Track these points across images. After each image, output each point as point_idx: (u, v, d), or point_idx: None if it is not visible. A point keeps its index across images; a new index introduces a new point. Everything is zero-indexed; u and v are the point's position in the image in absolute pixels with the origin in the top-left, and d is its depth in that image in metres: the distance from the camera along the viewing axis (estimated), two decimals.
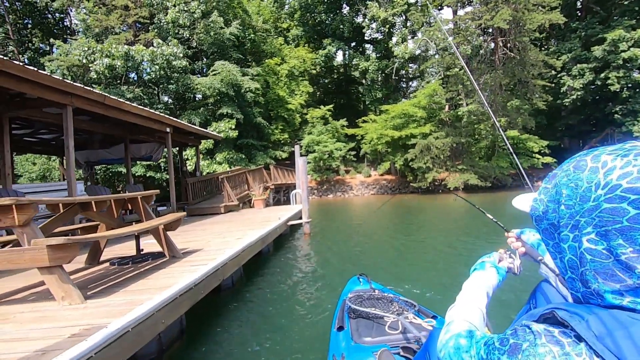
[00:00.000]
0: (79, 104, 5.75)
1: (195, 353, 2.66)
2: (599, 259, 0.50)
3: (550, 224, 0.57)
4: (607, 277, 0.49)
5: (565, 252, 0.55)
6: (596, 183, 0.50)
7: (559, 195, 0.55)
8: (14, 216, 2.42)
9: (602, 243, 0.49)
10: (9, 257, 2.41)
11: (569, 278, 0.56)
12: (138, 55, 18.37)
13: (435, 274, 4.51)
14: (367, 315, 1.80)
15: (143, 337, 2.20)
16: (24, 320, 2.20)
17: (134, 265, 3.71)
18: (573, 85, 20.16)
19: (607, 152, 0.51)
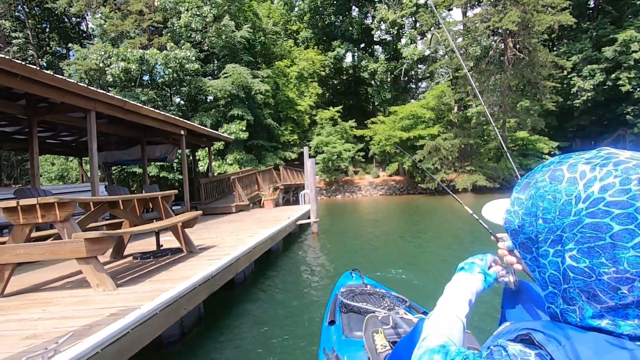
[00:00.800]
0: (101, 108, 6.14)
1: (212, 336, 2.96)
2: (582, 277, 0.47)
3: (527, 238, 0.54)
4: (590, 296, 0.47)
5: (545, 268, 0.52)
6: (576, 196, 0.47)
7: (535, 208, 0.52)
8: (56, 212, 2.76)
9: (584, 261, 0.46)
10: (52, 249, 2.75)
11: (550, 293, 0.53)
12: (152, 58, 18.93)
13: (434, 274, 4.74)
14: (358, 310, 1.81)
15: (168, 319, 2.51)
16: (67, 304, 2.52)
17: (155, 259, 4.03)
18: (583, 86, 20.04)
19: (583, 160, 0.49)
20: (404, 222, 11.15)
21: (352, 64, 32.19)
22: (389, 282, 4.14)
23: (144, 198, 4.09)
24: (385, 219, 11.98)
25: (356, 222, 11.45)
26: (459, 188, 21.09)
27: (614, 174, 0.45)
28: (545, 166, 0.54)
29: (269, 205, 11.39)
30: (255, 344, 2.80)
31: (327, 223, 10.69)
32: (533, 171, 0.57)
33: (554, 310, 0.53)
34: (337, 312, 1.89)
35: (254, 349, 2.71)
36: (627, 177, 0.43)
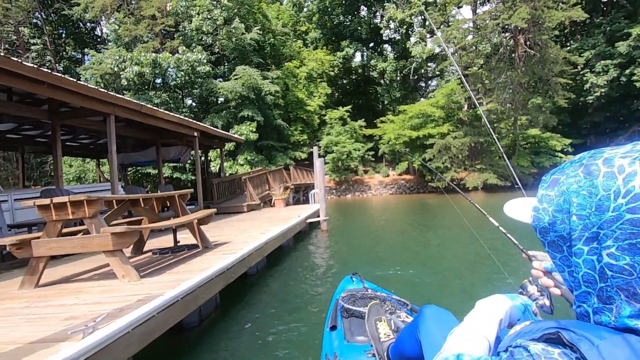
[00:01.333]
0: (119, 112, 6.45)
1: (228, 323, 3.18)
2: (622, 275, 0.45)
3: (558, 236, 0.52)
4: (630, 295, 0.45)
5: (579, 267, 0.50)
6: (615, 191, 0.45)
7: (568, 204, 0.50)
8: (84, 209, 3.01)
9: (624, 258, 0.45)
10: (82, 243, 3.01)
11: (583, 292, 0.51)
12: (165, 62, 19.39)
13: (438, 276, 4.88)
14: (359, 315, 1.81)
15: (188, 306, 2.74)
16: (97, 292, 2.77)
17: (173, 254, 4.28)
18: (597, 82, 19.73)
19: (619, 154, 0.47)
20: (413, 220, 11.25)
21: (361, 63, 32.25)
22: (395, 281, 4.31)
23: (162, 197, 4.34)
24: (394, 218, 12.10)
25: (365, 221, 11.60)
26: (469, 187, 21.00)
27: None
28: (576, 162, 0.52)
29: (279, 204, 11.62)
30: (267, 332, 3.01)
31: (337, 221, 10.86)
32: (561, 167, 0.55)
33: (584, 309, 0.51)
34: (339, 317, 1.86)
35: (265, 336, 2.91)
36: None
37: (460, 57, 21.80)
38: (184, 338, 2.90)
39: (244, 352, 2.65)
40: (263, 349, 2.67)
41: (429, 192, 23.18)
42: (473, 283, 4.09)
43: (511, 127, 22.67)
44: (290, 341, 2.77)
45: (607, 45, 19.99)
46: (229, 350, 2.68)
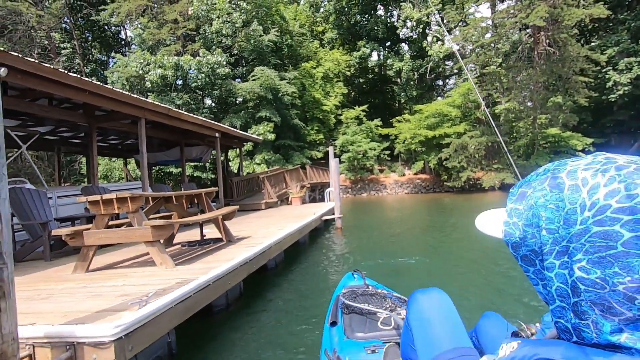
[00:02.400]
0: (149, 116, 6.97)
1: (250, 307, 3.57)
2: (594, 289, 0.44)
3: (530, 251, 0.52)
4: (604, 309, 0.44)
5: (552, 281, 0.50)
6: (581, 204, 0.45)
7: (536, 219, 0.50)
8: (128, 205, 3.46)
9: (594, 272, 0.44)
10: (126, 234, 3.46)
11: (557, 307, 0.50)
12: (186, 64, 20.11)
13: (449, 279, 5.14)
14: (360, 311, 1.81)
15: (217, 290, 3.14)
16: (140, 276, 3.21)
17: (200, 247, 4.71)
18: (619, 80, 19.26)
19: (582, 167, 0.47)
20: (428, 220, 11.44)
21: (377, 62, 32.33)
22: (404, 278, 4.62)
23: (190, 194, 4.78)
24: (409, 217, 12.31)
25: (379, 219, 11.87)
26: (486, 186, 20.90)
27: (618, 179, 0.43)
28: (541, 174, 0.52)
29: (296, 202, 12.03)
30: (285, 316, 3.37)
31: (351, 219, 11.17)
32: (527, 180, 0.55)
33: (563, 325, 0.50)
34: (339, 313, 1.88)
35: (283, 319, 3.28)
36: (632, 182, 0.42)
37: (477, 55, 21.65)
38: (213, 319, 3.31)
39: (264, 332, 3.03)
40: (281, 329, 3.04)
41: (445, 191, 23.16)
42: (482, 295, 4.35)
43: (530, 126, 22.37)
44: (306, 323, 3.13)
45: (632, 42, 19.47)
46: (251, 331, 3.07)
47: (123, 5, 23.00)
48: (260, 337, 2.93)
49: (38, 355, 1.96)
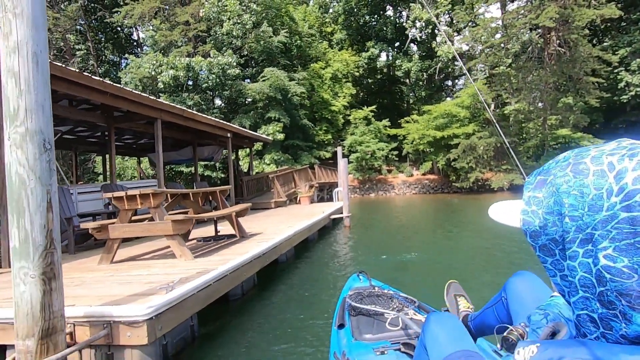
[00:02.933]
0: (165, 117, 7.24)
1: (263, 298, 3.78)
2: (620, 279, 0.43)
3: (550, 240, 0.50)
4: (632, 299, 0.42)
5: (575, 270, 0.48)
6: (607, 189, 0.43)
7: (559, 206, 0.48)
8: (150, 201, 3.69)
9: (621, 260, 0.42)
10: (148, 228, 3.69)
11: (581, 298, 0.48)
12: (197, 65, 20.48)
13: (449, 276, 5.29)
14: (367, 313, 1.80)
15: (233, 281, 3.35)
16: (163, 267, 3.44)
17: (215, 242, 4.94)
18: (631, 80, 19.06)
19: (606, 152, 0.46)
20: (434, 219, 11.54)
21: (386, 63, 32.39)
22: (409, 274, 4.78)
23: (206, 192, 5.02)
24: (416, 217, 12.42)
25: (387, 219, 12.00)
26: (495, 187, 20.85)
27: None
28: (562, 161, 0.51)
29: (304, 201, 12.24)
30: (295, 307, 3.57)
31: (359, 219, 11.34)
32: (545, 167, 0.54)
33: (588, 316, 0.49)
34: (346, 316, 1.87)
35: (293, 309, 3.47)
36: None
37: (487, 56, 21.61)
38: (230, 306, 3.52)
39: (276, 320, 3.23)
40: (291, 317, 3.23)
41: (454, 192, 23.14)
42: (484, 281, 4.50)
43: (540, 127, 22.24)
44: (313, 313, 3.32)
45: None
46: (264, 318, 3.27)
47: (136, 7, 23.49)
48: (272, 324, 3.13)
49: (78, 332, 2.19)
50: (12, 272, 1.82)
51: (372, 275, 2.24)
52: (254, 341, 2.80)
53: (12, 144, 1.79)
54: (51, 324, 1.85)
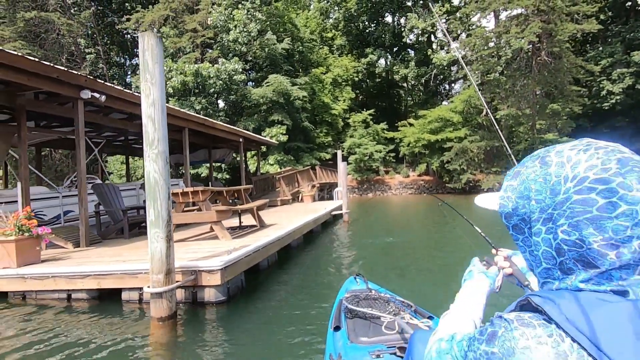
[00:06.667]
0: (191, 125, 8.48)
1: (283, 269, 5.04)
2: (575, 249, 0.52)
3: (520, 220, 0.60)
4: (585, 264, 0.52)
5: (539, 245, 0.57)
6: (565, 176, 0.53)
7: (527, 191, 0.57)
8: (199, 195, 4.94)
9: (574, 233, 0.52)
10: (198, 216, 4.96)
11: (544, 269, 0.58)
12: (205, 72, 21.72)
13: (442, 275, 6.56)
14: (363, 315, 1.81)
15: (262, 254, 4.62)
16: (212, 245, 4.69)
17: (240, 230, 6.19)
18: (612, 89, 20.39)
19: (567, 148, 0.56)
20: (425, 216, 12.81)
21: (385, 68, 33.66)
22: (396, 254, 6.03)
23: (232, 190, 6.27)
24: (409, 214, 13.69)
25: (382, 215, 13.27)
26: (485, 188, 22.14)
27: (596, 157, 0.52)
28: (534, 156, 0.60)
29: (307, 200, 13.48)
30: (305, 279, 4.82)
31: (357, 215, 12.60)
32: (522, 162, 0.63)
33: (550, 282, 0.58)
34: (342, 318, 1.88)
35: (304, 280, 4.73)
36: (608, 159, 0.51)
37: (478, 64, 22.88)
38: (260, 274, 4.77)
39: (291, 283, 4.48)
40: (302, 285, 4.49)
41: (447, 192, 24.43)
42: None
43: (529, 131, 23.53)
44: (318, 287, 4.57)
45: (624, 54, 20.58)
46: (284, 282, 4.52)
47: (147, 15, 24.71)
48: (289, 286, 4.38)
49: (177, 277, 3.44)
50: (148, 235, 3.07)
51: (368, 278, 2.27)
52: (276, 295, 4.05)
53: (150, 160, 3.05)
54: (170, 267, 3.11)
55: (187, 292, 3.53)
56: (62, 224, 6.85)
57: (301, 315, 3.29)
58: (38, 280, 3.81)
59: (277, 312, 3.43)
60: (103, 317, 3.40)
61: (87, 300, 3.80)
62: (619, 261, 0.49)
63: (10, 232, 4.00)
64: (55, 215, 6.83)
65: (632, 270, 0.50)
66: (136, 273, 3.59)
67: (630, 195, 0.49)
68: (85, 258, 4.40)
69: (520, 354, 0.47)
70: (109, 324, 3.23)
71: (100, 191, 6.36)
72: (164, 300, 3.06)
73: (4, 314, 3.59)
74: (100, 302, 3.79)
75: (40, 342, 2.89)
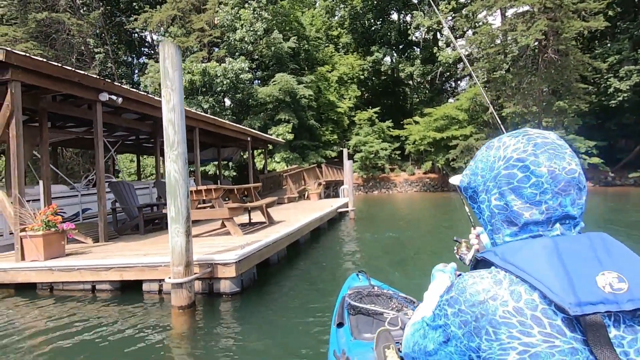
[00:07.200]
0: (201, 125, 8.74)
1: (292, 264, 5.27)
2: (502, 212, 0.67)
3: (473, 192, 0.74)
4: (509, 223, 0.67)
5: (484, 211, 0.72)
6: (498, 157, 0.68)
7: (476, 169, 0.72)
8: (212, 193, 5.19)
9: (501, 199, 0.66)
10: (211, 212, 5.21)
11: (489, 230, 0.72)
12: (213, 71, 22.00)
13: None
14: (366, 312, 1.83)
15: (272, 249, 4.85)
16: (224, 240, 4.93)
17: (250, 226, 6.43)
18: (619, 86, 20.27)
19: (507, 135, 0.70)
20: (430, 213, 12.97)
21: (390, 66, 33.68)
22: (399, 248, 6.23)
23: (243, 188, 6.51)
24: (414, 211, 13.86)
25: (387, 212, 13.46)
26: None
27: (522, 142, 0.66)
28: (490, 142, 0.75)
29: (314, 197, 13.71)
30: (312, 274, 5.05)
31: (362, 213, 12.80)
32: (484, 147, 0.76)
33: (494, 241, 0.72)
34: (345, 314, 1.90)
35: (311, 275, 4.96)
36: (528, 142, 0.65)
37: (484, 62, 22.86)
38: (271, 268, 5.01)
39: (300, 277, 4.71)
40: (310, 279, 4.72)
41: (453, 190, 24.47)
42: None
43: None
44: (324, 281, 4.80)
45: (632, 50, 20.43)
46: (292, 277, 4.75)
47: (155, 15, 25.04)
48: (298, 280, 4.62)
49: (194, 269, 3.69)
50: (169, 230, 3.32)
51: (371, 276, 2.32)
52: (284, 288, 4.28)
53: (171, 160, 3.29)
54: (189, 259, 3.36)
55: (204, 283, 3.78)
56: (80, 220, 7.15)
57: (309, 307, 3.52)
58: (65, 272, 4.09)
59: (287, 303, 3.66)
60: (127, 306, 3.66)
61: (110, 291, 4.07)
62: (532, 219, 0.64)
63: (38, 228, 4.27)
64: (74, 213, 7.14)
65: (544, 225, 0.64)
66: (156, 266, 3.85)
67: (538, 171, 0.63)
68: (106, 252, 4.68)
69: (470, 287, 0.61)
70: (133, 312, 3.49)
71: (117, 189, 6.64)
72: (184, 291, 3.30)
73: (35, 303, 3.87)
74: (123, 293, 4.05)
75: (71, 325, 3.15)
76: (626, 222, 8.62)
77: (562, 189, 0.63)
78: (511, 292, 0.57)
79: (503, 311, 0.56)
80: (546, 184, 0.63)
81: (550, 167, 0.63)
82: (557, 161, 0.63)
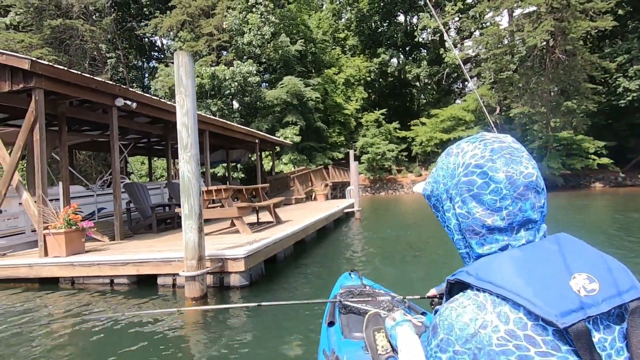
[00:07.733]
0: (211, 128, 9.03)
1: (298, 261, 5.48)
2: (465, 220, 0.65)
3: (436, 200, 0.72)
4: (471, 232, 0.64)
5: (450, 219, 0.69)
6: (457, 164, 0.66)
7: (438, 177, 0.71)
8: (222, 193, 5.43)
9: (464, 207, 0.64)
10: (221, 211, 5.44)
11: (457, 239, 0.69)
12: (221, 74, 22.40)
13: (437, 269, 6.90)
14: (357, 311, 1.82)
15: (279, 247, 5.07)
16: (234, 238, 5.17)
17: (258, 225, 6.66)
18: (629, 86, 20.10)
19: (464, 141, 0.69)
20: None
21: (397, 68, 33.79)
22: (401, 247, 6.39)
23: (251, 188, 6.75)
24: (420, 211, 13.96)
25: (393, 213, 13.60)
26: None
27: (479, 147, 0.64)
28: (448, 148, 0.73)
29: (320, 198, 13.92)
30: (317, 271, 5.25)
31: (369, 213, 12.97)
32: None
33: (464, 252, 0.69)
34: (337, 313, 1.90)
35: (317, 267, 5.16)
36: (485, 148, 0.64)
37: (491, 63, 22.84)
38: (278, 264, 5.23)
39: (304, 273, 4.92)
40: (314, 275, 4.92)
41: None
42: None
43: (544, 129, 23.34)
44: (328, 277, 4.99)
45: None
46: (298, 273, 4.96)
47: (165, 20, 25.58)
48: (303, 276, 4.82)
49: (206, 264, 3.92)
50: (183, 226, 3.56)
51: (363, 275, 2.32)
52: (290, 284, 4.49)
53: (185, 162, 3.53)
54: (201, 254, 3.59)
55: (215, 277, 4.01)
56: (96, 219, 7.47)
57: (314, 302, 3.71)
58: (85, 267, 4.36)
59: (293, 297, 3.86)
60: (144, 298, 3.91)
61: (127, 285, 4.33)
62: (494, 225, 0.62)
63: (61, 226, 4.56)
64: (90, 212, 7.46)
65: (508, 232, 0.62)
66: (170, 261, 4.09)
67: (497, 177, 0.61)
68: (123, 249, 4.95)
69: (456, 322, 0.56)
70: (149, 303, 3.74)
71: (131, 190, 6.94)
72: (197, 283, 3.54)
73: (60, 295, 4.15)
74: (139, 287, 4.31)
75: (90, 314, 3.41)
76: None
77: (520, 193, 0.61)
78: (498, 315, 0.54)
79: (497, 338, 0.53)
80: (505, 190, 0.61)
81: (508, 172, 0.61)
82: (514, 166, 0.61)
